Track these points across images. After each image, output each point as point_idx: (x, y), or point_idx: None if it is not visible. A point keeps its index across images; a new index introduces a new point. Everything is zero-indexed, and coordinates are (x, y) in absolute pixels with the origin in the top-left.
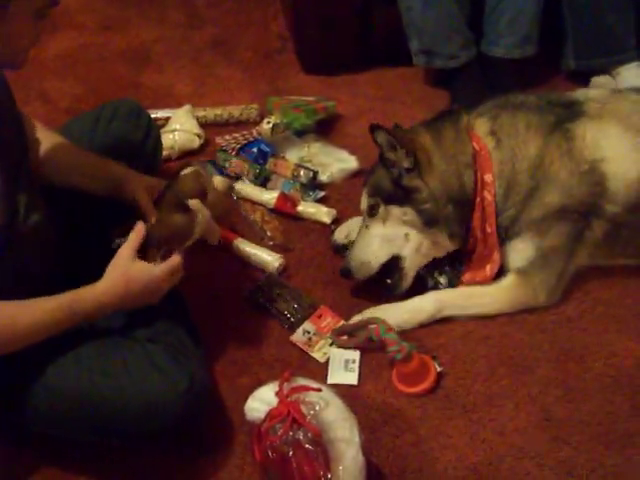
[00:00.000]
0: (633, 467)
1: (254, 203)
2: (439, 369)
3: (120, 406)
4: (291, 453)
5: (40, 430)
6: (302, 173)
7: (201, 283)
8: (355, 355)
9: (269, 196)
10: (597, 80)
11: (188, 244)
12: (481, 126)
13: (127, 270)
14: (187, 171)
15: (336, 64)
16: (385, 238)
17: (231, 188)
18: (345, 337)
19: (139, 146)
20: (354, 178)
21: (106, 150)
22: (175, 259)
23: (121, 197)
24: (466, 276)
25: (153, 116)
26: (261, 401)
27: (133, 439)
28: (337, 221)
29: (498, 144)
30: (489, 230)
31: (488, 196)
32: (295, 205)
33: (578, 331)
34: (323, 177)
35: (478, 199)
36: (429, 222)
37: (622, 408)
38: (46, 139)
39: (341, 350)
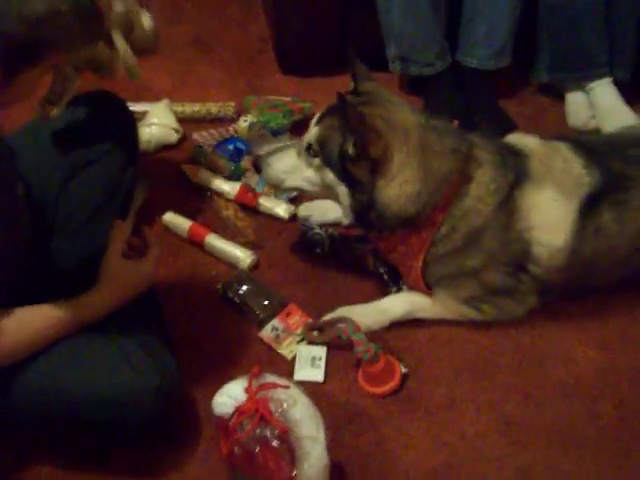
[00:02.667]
0: (588, 473)
1: (227, 200)
2: (404, 370)
3: (90, 401)
4: (258, 449)
5: (18, 423)
6: None
7: (172, 278)
8: (322, 352)
9: (230, 187)
10: (572, 96)
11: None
12: (469, 165)
13: (120, 275)
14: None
15: (314, 66)
16: (307, 180)
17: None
18: (315, 333)
19: (118, 138)
20: None
21: (85, 140)
22: (155, 249)
23: None
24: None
25: (131, 109)
26: (229, 396)
27: (99, 434)
28: (294, 217)
29: (464, 196)
30: (415, 264)
31: (429, 234)
32: (255, 198)
33: (540, 338)
34: None
35: (424, 234)
36: (352, 207)
37: (580, 415)
38: None
39: (308, 347)
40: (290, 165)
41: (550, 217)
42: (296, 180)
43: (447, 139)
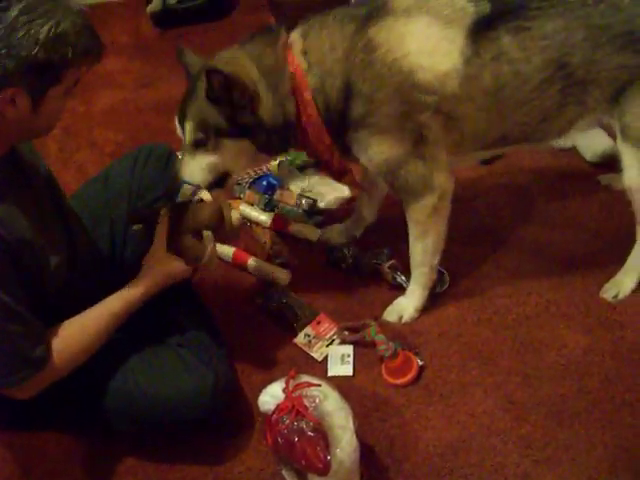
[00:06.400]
0: (580, 440)
1: (264, 227)
2: (420, 363)
3: (158, 401)
4: (296, 439)
5: (103, 424)
6: (304, 201)
7: (222, 295)
8: (349, 349)
9: (265, 217)
10: None
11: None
12: (295, 44)
13: (166, 266)
14: (209, 198)
15: None
16: (214, 165)
17: (243, 223)
18: (347, 333)
19: (170, 183)
20: (347, 205)
21: (142, 187)
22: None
23: None
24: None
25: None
26: (271, 396)
27: (171, 429)
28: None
29: (310, 66)
30: (327, 142)
31: (312, 113)
32: (288, 225)
33: (535, 327)
34: (321, 204)
35: (304, 118)
36: (262, 148)
37: (571, 391)
38: None
39: (337, 347)
40: (195, 168)
41: (427, 42)
42: (212, 173)
43: (257, 43)
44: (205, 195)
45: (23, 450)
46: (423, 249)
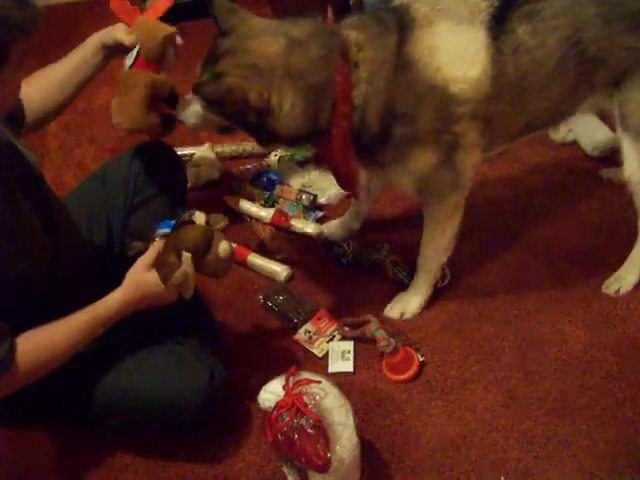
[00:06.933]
0: (581, 436)
1: (264, 223)
2: (421, 359)
3: (153, 399)
4: (296, 437)
5: (100, 425)
6: (304, 197)
7: (221, 291)
8: (349, 346)
9: (265, 213)
10: None
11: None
12: (351, 53)
13: (140, 281)
14: (202, 222)
15: None
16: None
17: (232, 256)
18: (347, 328)
19: (169, 179)
20: (347, 199)
21: (139, 183)
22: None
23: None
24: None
25: (180, 153)
26: (271, 393)
27: (167, 427)
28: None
29: (358, 81)
30: (350, 154)
31: (346, 125)
32: (287, 220)
33: (536, 323)
34: (322, 199)
35: (335, 130)
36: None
37: (572, 386)
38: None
39: (338, 343)
40: (192, 114)
41: (455, 50)
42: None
43: (312, 47)
44: (198, 219)
45: (23, 446)
46: (437, 247)
